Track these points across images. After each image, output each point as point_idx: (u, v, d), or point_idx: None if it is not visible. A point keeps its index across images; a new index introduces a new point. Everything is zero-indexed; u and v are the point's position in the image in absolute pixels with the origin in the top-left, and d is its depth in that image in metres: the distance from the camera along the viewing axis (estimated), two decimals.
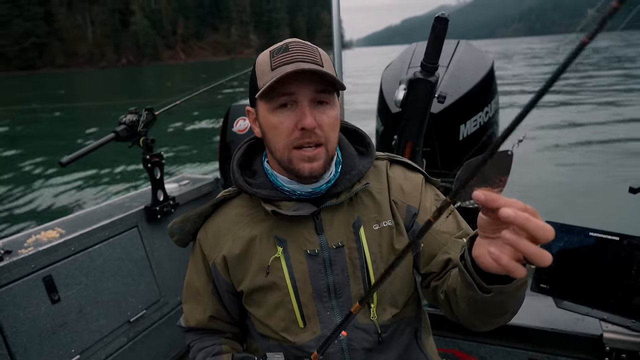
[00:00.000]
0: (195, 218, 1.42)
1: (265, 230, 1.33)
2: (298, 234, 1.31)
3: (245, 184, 1.33)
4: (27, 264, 2.14)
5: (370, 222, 1.34)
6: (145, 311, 2.71)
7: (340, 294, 1.31)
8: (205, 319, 1.46)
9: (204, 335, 1.50)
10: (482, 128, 2.74)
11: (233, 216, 1.39)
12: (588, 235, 1.95)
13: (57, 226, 2.47)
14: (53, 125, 22.60)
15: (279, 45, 1.23)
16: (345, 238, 1.31)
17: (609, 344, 2.03)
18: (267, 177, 1.33)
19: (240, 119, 2.79)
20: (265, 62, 1.22)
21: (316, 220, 1.31)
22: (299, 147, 1.21)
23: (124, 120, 2.61)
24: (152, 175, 2.73)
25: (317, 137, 1.20)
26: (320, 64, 1.18)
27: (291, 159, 1.22)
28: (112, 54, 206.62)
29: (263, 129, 1.27)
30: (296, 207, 1.28)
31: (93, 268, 2.44)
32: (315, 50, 1.23)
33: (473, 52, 2.90)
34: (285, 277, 1.29)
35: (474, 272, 1.02)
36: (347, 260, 1.31)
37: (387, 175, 1.42)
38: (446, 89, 2.55)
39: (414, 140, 2.40)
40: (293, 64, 1.16)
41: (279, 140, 1.22)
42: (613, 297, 1.88)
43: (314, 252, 1.29)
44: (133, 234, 2.70)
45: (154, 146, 2.71)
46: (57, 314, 2.24)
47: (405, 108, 2.36)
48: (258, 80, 1.23)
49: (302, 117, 1.17)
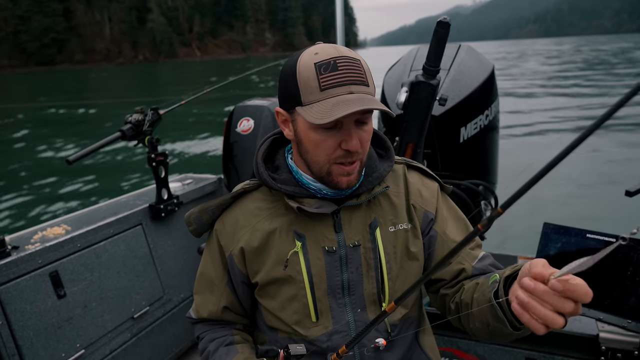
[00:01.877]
0: (213, 209, 1.43)
1: (284, 224, 1.36)
2: (317, 230, 1.34)
3: (270, 179, 1.35)
4: (34, 260, 2.18)
5: (386, 223, 1.38)
6: (149, 308, 2.76)
7: (354, 291, 1.34)
8: (218, 310, 1.47)
9: (215, 326, 1.51)
10: (483, 131, 2.74)
11: (252, 209, 1.40)
12: (585, 237, 1.98)
13: (63, 223, 2.52)
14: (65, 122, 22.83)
15: (326, 60, 1.18)
16: (362, 238, 1.35)
17: (604, 344, 2.05)
18: (290, 174, 1.36)
19: (244, 119, 2.81)
20: (310, 75, 1.18)
21: (335, 219, 1.35)
22: (340, 163, 1.24)
23: (130, 119, 2.66)
24: (156, 174, 2.78)
25: (358, 155, 1.24)
26: (367, 83, 1.19)
27: (331, 172, 1.26)
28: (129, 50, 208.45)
29: (300, 138, 1.27)
30: (318, 205, 1.31)
31: (98, 264, 2.48)
32: (361, 65, 1.21)
33: (474, 56, 2.90)
34: (303, 271, 1.32)
35: (509, 312, 1.07)
36: (362, 259, 1.34)
37: (406, 179, 1.46)
38: (447, 92, 2.56)
39: (415, 142, 2.42)
40: (344, 87, 1.16)
41: (319, 155, 1.25)
42: (609, 297, 1.90)
43: (331, 249, 1.33)
44: (137, 231, 2.75)
45: (159, 145, 2.76)
46: (63, 309, 2.28)
47: (407, 110, 2.38)
48: (302, 93, 1.19)
49: (348, 139, 1.20)
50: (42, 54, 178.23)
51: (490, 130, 2.81)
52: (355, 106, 1.13)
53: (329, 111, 1.14)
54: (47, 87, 53.79)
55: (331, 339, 1.32)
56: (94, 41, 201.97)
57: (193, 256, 3.10)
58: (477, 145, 2.77)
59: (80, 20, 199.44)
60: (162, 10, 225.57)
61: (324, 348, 1.31)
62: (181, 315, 3.01)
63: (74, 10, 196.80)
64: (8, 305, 2.06)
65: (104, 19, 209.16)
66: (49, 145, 16.15)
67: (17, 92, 49.64)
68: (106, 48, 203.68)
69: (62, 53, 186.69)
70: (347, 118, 1.18)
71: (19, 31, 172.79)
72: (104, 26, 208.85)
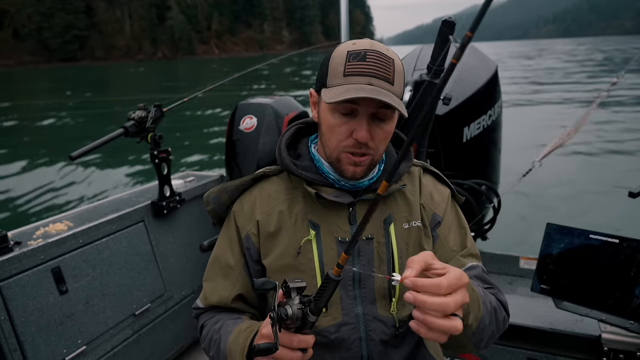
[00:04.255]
0: (233, 189, 1.45)
1: (300, 212, 1.37)
2: (331, 220, 1.35)
3: (292, 165, 1.38)
4: (36, 255, 2.19)
5: (400, 220, 1.40)
6: (150, 305, 2.77)
7: (364, 284, 1.34)
8: (231, 296, 1.43)
9: (223, 313, 1.47)
10: (486, 131, 2.74)
11: (271, 192, 1.42)
12: (588, 238, 1.99)
13: (65, 219, 2.54)
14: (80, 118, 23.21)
15: (358, 50, 1.23)
16: (376, 232, 1.36)
17: (607, 345, 2.05)
18: (312, 161, 1.39)
19: (246, 117, 2.81)
20: (340, 61, 1.23)
21: (351, 211, 1.36)
22: (350, 152, 1.27)
23: (133, 116, 2.67)
24: (159, 171, 2.78)
25: (368, 148, 1.26)
26: (391, 81, 1.21)
27: (339, 159, 1.29)
28: (149, 47, 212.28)
29: (320, 120, 1.33)
30: (336, 194, 1.33)
31: (100, 261, 2.49)
32: (391, 64, 1.23)
33: (478, 56, 2.90)
34: (315, 260, 1.33)
35: None
36: (374, 253, 1.35)
37: (420, 181, 1.48)
38: (451, 92, 2.53)
39: (418, 141, 2.43)
40: (365, 77, 1.19)
41: (332, 139, 1.29)
42: (612, 298, 1.91)
43: (344, 240, 1.33)
44: (139, 228, 2.76)
45: (162, 142, 2.77)
46: (64, 305, 2.30)
47: (409, 109, 2.37)
48: (329, 75, 1.25)
49: (359, 129, 1.23)
50: (64, 50, 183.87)
51: (493, 130, 2.81)
52: (364, 93, 1.16)
53: (341, 94, 1.18)
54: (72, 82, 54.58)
55: (339, 331, 1.31)
56: (114, 38, 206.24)
57: (195, 253, 3.10)
58: (480, 145, 2.77)
59: (102, 17, 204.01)
60: (181, 7, 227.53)
61: (332, 339, 1.31)
62: (182, 313, 3.01)
63: (95, 8, 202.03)
64: (10, 301, 2.08)
65: (124, 16, 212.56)
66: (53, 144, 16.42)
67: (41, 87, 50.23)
68: (126, 45, 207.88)
69: (84, 49, 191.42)
70: (362, 108, 1.22)
71: (42, 28, 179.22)
72: (124, 23, 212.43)
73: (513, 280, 2.77)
